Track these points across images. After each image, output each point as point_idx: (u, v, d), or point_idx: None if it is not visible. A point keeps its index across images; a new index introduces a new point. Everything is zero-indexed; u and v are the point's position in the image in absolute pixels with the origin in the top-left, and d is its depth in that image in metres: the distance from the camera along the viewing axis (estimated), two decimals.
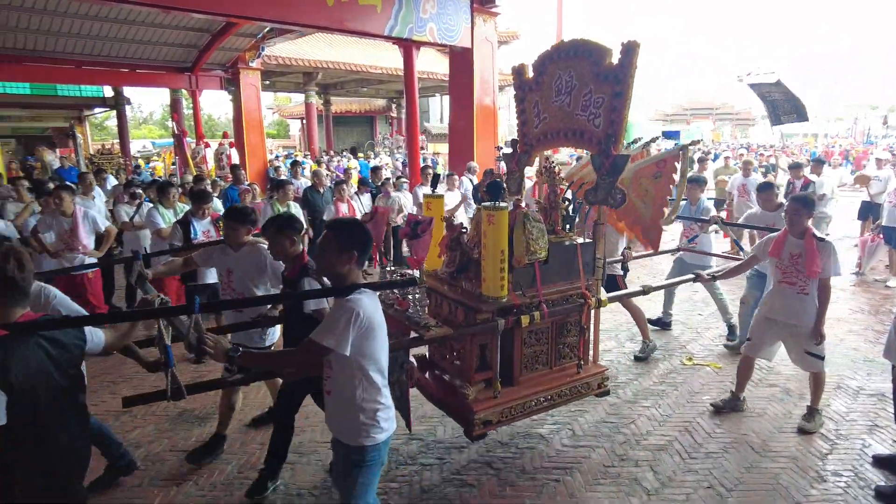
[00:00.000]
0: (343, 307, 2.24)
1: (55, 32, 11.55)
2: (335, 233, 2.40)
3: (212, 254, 3.85)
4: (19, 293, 2.10)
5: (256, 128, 14.25)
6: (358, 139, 29.08)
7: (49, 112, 21.83)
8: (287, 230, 3.33)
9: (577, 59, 3.51)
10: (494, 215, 3.09)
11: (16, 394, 1.97)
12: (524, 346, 3.56)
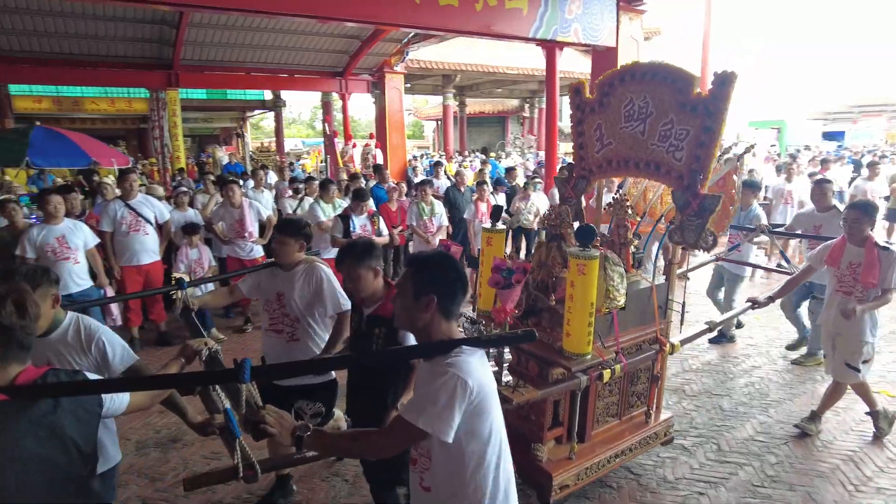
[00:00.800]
0: (442, 374, 1.67)
1: (229, 44, 13.01)
2: (413, 270, 1.85)
3: (259, 280, 3.32)
4: (16, 345, 1.61)
5: (398, 129, 15.00)
6: (489, 139, 29.44)
7: (218, 114, 24.52)
8: (369, 260, 2.76)
9: (656, 84, 3.09)
10: (586, 264, 2.69)
11: None
12: (598, 399, 3.30)
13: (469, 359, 1.72)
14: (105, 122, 21.13)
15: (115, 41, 12.00)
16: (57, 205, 5.06)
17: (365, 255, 2.75)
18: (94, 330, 2.40)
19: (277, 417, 1.77)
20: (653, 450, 3.75)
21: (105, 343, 2.38)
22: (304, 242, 3.24)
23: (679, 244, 3.14)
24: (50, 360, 2.29)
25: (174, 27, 11.66)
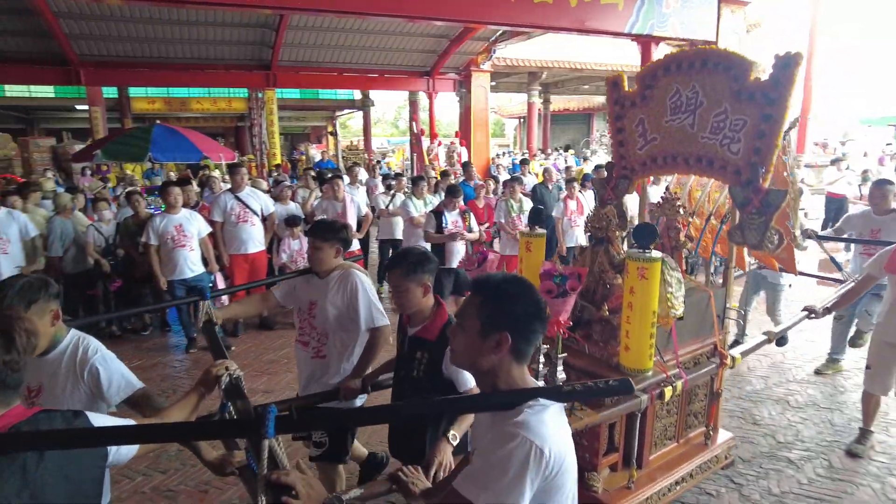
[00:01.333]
0: (510, 438, 1.30)
1: (323, 46, 13.54)
2: (483, 298, 1.44)
3: (295, 286, 3.03)
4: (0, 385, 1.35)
5: (482, 127, 15.05)
6: (573, 137, 28.92)
7: (310, 113, 25.60)
8: (420, 274, 2.40)
9: (706, 72, 2.84)
10: (648, 268, 2.43)
11: None
12: (656, 419, 2.95)
13: (545, 417, 1.34)
14: (207, 120, 22.59)
15: (221, 45, 12.81)
16: (177, 196, 5.50)
17: (417, 268, 2.40)
18: (91, 354, 2.09)
19: (307, 486, 1.35)
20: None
21: (99, 370, 2.08)
22: (341, 247, 2.91)
23: (740, 245, 2.88)
24: (43, 385, 2.06)
25: (274, 30, 12.28)
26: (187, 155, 9.32)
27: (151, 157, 8.73)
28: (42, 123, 23.23)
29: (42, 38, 11.49)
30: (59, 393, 2.06)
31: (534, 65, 17.15)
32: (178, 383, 5.02)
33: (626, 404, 2.64)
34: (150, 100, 19.13)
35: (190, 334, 5.79)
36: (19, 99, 20.13)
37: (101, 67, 12.55)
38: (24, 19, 10.89)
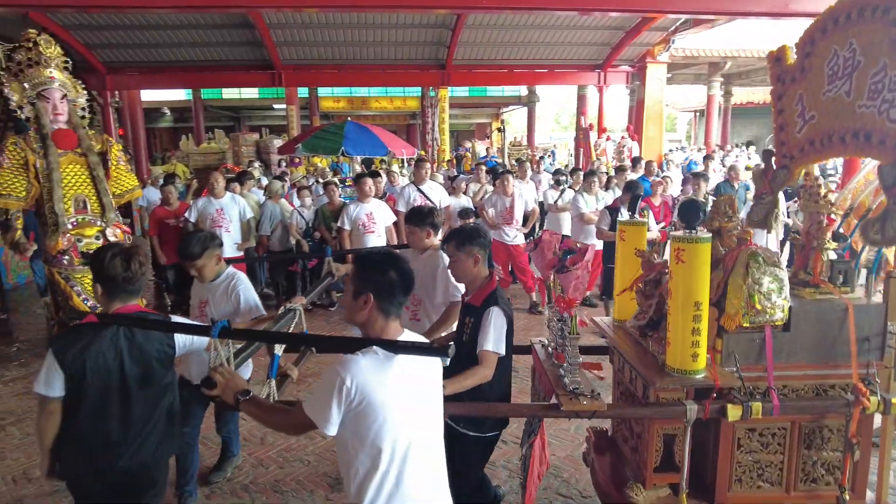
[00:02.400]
0: (331, 369, 1.71)
1: (495, 43, 13.77)
2: (355, 268, 1.94)
3: None
4: (119, 289, 2.22)
5: (656, 121, 14.30)
6: (757, 132, 26.31)
7: (476, 110, 26.27)
8: (469, 246, 2.69)
9: (863, 23, 2.21)
10: (686, 249, 2.12)
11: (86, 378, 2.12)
12: (738, 449, 2.38)
13: (363, 360, 1.70)
14: (383, 118, 24.22)
15: (400, 45, 13.63)
16: (370, 186, 6.00)
17: (468, 240, 2.71)
18: (236, 285, 3.09)
19: (229, 377, 1.95)
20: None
21: (241, 296, 3.06)
22: (431, 230, 3.40)
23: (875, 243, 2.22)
24: (209, 300, 3.13)
25: (451, 29, 12.78)
26: (375, 150, 10.11)
27: (344, 151, 9.62)
28: (247, 121, 26.65)
29: (253, 47, 13.14)
30: (216, 306, 3.10)
31: (717, 55, 15.87)
32: None
33: (657, 409, 2.26)
34: (336, 99, 20.98)
35: None
36: (232, 100, 23.31)
37: (298, 70, 14.04)
38: (241, 32, 12.55)
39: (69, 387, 2.13)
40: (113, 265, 2.17)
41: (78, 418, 2.17)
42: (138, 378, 2.23)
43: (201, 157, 15.24)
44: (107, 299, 2.25)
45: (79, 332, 2.19)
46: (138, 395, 2.24)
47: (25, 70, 4.82)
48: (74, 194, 5.36)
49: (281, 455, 3.83)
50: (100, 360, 2.15)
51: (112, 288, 2.22)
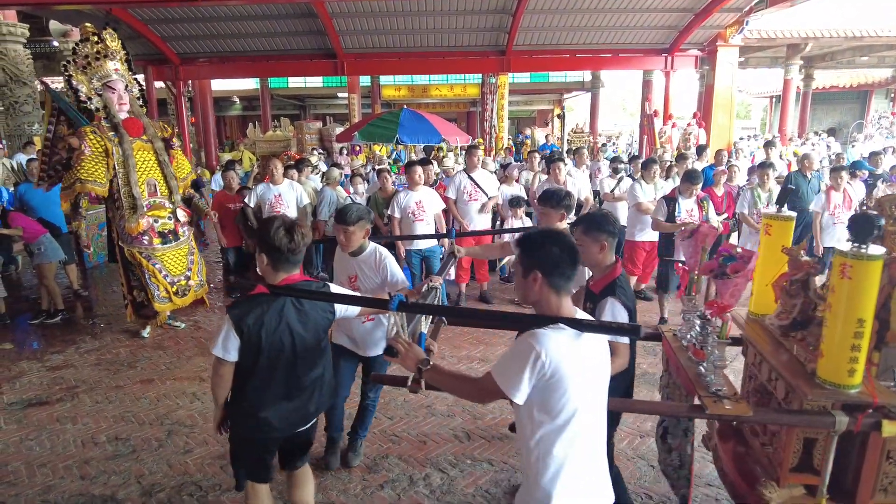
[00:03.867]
0: (523, 342, 1.79)
1: (557, 27, 13.48)
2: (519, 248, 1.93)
3: None
4: (284, 260, 2.35)
5: (726, 108, 13.67)
6: (841, 119, 24.60)
7: (537, 97, 25.85)
8: (596, 232, 2.69)
9: None
10: (854, 266, 1.97)
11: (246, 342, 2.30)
12: (887, 460, 2.22)
13: (553, 334, 1.75)
14: (444, 105, 24.26)
15: (460, 32, 13.57)
16: (419, 174, 6.04)
17: (595, 226, 2.70)
18: (384, 259, 3.27)
19: (408, 347, 2.07)
20: None
21: (388, 268, 3.24)
22: (564, 213, 3.59)
23: None
24: (355, 272, 3.30)
25: (511, 14, 12.60)
26: (429, 137, 10.17)
27: (399, 139, 9.73)
28: (312, 110, 27.35)
29: (316, 36, 13.43)
30: (366, 279, 3.29)
31: (796, 35, 14.90)
32: None
33: (805, 417, 2.18)
34: (397, 87, 21.17)
35: None
36: (297, 89, 23.96)
37: (360, 59, 14.26)
38: (305, 21, 12.84)
39: (244, 352, 2.32)
40: (278, 236, 2.30)
41: (251, 382, 2.39)
42: (305, 343, 2.43)
43: (267, 145, 15.78)
44: (272, 270, 2.39)
45: (254, 301, 2.34)
46: (304, 360, 2.45)
47: (93, 63, 5.11)
48: (146, 178, 5.70)
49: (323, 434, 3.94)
50: (272, 328, 2.33)
51: (277, 258, 2.35)
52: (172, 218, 5.82)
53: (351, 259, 3.31)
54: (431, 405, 4.31)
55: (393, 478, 3.47)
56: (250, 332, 2.29)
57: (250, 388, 2.40)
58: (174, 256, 5.80)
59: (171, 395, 4.56)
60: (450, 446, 3.78)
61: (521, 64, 14.72)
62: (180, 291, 5.78)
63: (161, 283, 5.63)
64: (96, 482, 3.47)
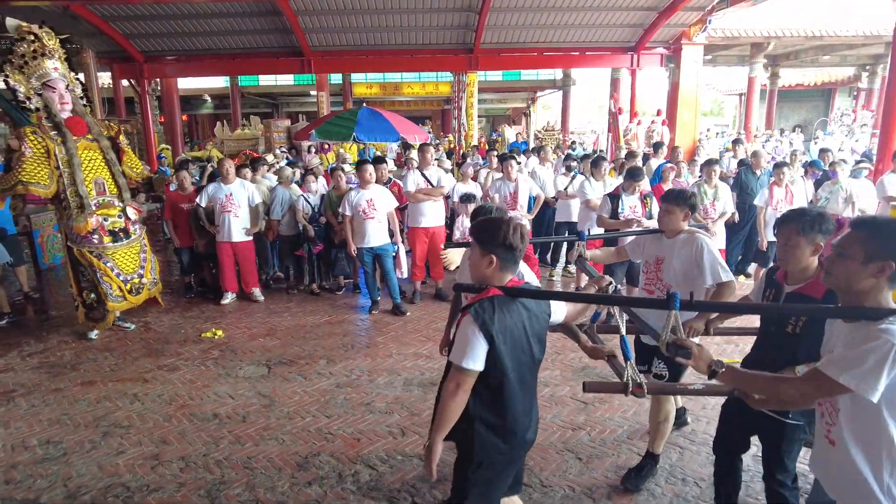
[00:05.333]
0: (875, 338, 1.70)
1: (524, 26, 13.53)
2: (866, 232, 1.80)
3: (643, 243, 3.56)
4: (514, 261, 2.23)
5: (691, 105, 13.81)
6: (807, 116, 25.07)
7: (511, 95, 25.95)
8: (815, 233, 2.46)
9: None
10: None
11: (495, 348, 2.11)
12: None
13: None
14: (417, 103, 24.26)
15: (428, 30, 13.57)
16: (370, 173, 6.05)
17: (813, 226, 2.45)
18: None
19: (700, 348, 2.01)
20: None
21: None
22: (689, 211, 3.32)
23: None
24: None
25: (477, 13, 12.64)
26: (387, 136, 10.17)
27: (355, 137, 9.71)
28: (284, 108, 27.17)
29: (283, 34, 13.34)
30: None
31: (758, 34, 15.16)
32: (357, 340, 5.60)
33: None
34: (369, 85, 21.11)
35: (374, 297, 6.37)
36: (269, 87, 23.76)
37: (328, 57, 14.19)
38: (270, 19, 12.75)
39: (491, 361, 2.13)
40: (515, 237, 2.18)
41: (503, 393, 2.20)
42: (536, 347, 2.29)
43: (235, 143, 15.64)
44: (499, 271, 2.23)
45: (494, 304, 2.15)
46: (535, 367, 2.33)
47: (30, 62, 5.03)
48: (94, 177, 5.64)
49: (258, 433, 3.95)
50: (514, 332, 2.18)
51: (508, 259, 2.22)
52: (122, 216, 5.77)
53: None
54: (371, 402, 4.34)
55: (322, 475, 3.48)
56: (496, 337, 2.11)
57: (500, 402, 2.21)
58: (126, 254, 5.76)
59: (111, 397, 4.53)
60: (383, 443, 3.81)
61: (489, 62, 14.78)
62: (134, 290, 5.75)
63: (114, 282, 5.59)
64: (20, 486, 3.43)
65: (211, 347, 5.49)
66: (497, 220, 2.26)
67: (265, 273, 7.47)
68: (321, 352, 5.31)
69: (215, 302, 6.78)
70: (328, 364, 5.04)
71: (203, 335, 5.78)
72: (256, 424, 4.08)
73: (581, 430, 3.92)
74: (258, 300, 6.78)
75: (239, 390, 4.60)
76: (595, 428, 3.95)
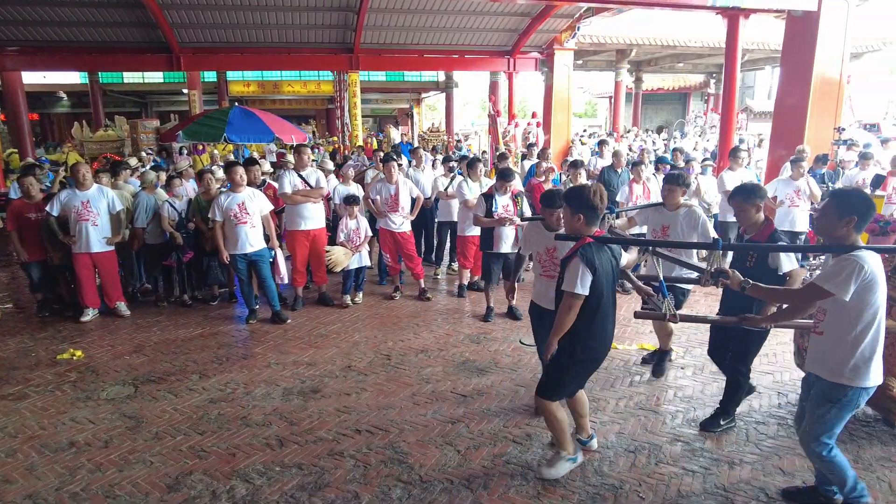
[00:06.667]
0: (846, 259, 2.58)
1: (405, 27, 13.67)
2: (837, 200, 2.71)
3: (648, 214, 4.77)
4: (596, 217, 3.09)
5: (564, 107, 14.62)
6: (667, 118, 27.46)
7: (397, 95, 26.03)
8: (755, 197, 3.61)
9: None
10: None
11: (597, 278, 2.99)
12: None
13: (865, 254, 2.59)
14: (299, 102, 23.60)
15: (307, 29, 13.29)
16: (241, 175, 5.82)
17: (751, 195, 3.59)
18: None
19: (733, 272, 3.03)
20: None
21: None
22: (685, 189, 4.56)
23: None
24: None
25: (355, 12, 12.57)
26: (260, 136, 9.81)
27: (226, 138, 9.29)
28: (154, 107, 25.29)
29: (148, 29, 12.47)
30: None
31: (622, 42, 16.37)
32: (233, 352, 5.36)
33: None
34: (246, 83, 20.24)
35: (251, 306, 6.13)
36: (135, 85, 22.02)
37: (199, 53, 13.44)
38: (132, 11, 11.86)
39: (593, 287, 2.99)
40: (596, 198, 3.03)
41: (598, 312, 3.08)
42: (615, 281, 3.23)
43: (97, 146, 14.38)
44: (586, 225, 3.09)
45: (594, 247, 3.03)
46: (615, 295, 3.23)
47: None
48: None
49: (123, 457, 3.68)
50: (607, 267, 3.07)
51: (592, 216, 3.08)
52: None
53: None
54: (247, 416, 4.18)
55: (195, 494, 3.31)
56: (598, 270, 2.98)
57: (598, 318, 3.09)
58: None
59: None
60: (260, 455, 3.68)
61: (370, 62, 14.73)
62: None
63: None
64: None
65: (68, 370, 5.01)
66: (583, 187, 3.12)
67: (131, 285, 6.94)
68: (193, 366, 5.03)
69: (74, 320, 6.19)
70: (201, 379, 4.78)
71: (59, 357, 5.27)
72: (120, 449, 3.79)
73: (460, 423, 4.03)
74: (124, 315, 6.29)
75: (100, 414, 4.24)
76: (473, 419, 4.08)
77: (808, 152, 8.33)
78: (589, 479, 3.37)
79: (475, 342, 5.50)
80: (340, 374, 4.85)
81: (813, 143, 8.84)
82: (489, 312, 6.09)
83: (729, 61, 9.76)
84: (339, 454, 3.67)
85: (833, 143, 9.09)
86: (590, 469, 3.48)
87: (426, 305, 6.64)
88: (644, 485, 3.33)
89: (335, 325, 5.99)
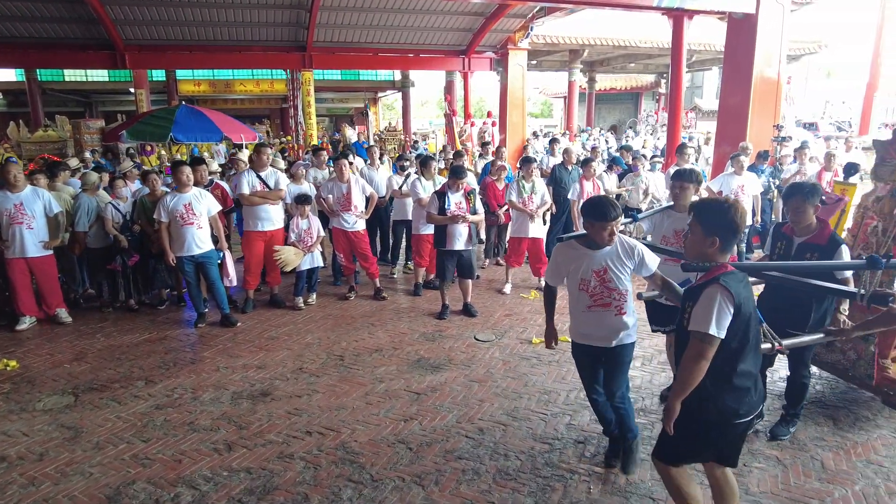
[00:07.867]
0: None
1: (359, 26, 13.55)
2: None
3: (655, 220, 4.22)
4: (733, 242, 2.46)
5: (518, 107, 14.77)
6: (620, 117, 28.08)
7: (353, 94, 25.82)
8: (813, 198, 3.42)
9: None
10: None
11: (747, 318, 2.36)
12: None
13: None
14: (252, 102, 23.12)
15: (258, 26, 13.03)
16: (188, 175, 5.66)
17: (811, 194, 3.41)
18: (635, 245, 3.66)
19: None
20: None
21: None
22: (697, 186, 4.10)
23: None
24: (602, 264, 3.24)
25: (307, 10, 12.38)
26: (208, 136, 9.58)
27: (173, 138, 9.02)
28: (99, 107, 24.36)
29: (90, 25, 11.99)
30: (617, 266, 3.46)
31: (574, 42, 16.65)
32: (180, 356, 5.20)
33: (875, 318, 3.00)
34: (196, 82, 19.72)
35: (200, 309, 5.97)
36: (77, 83, 21.16)
37: (146, 51, 13.02)
38: (72, 6, 11.39)
39: (733, 328, 2.32)
40: (738, 217, 2.39)
41: (741, 360, 2.39)
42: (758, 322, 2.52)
43: (36, 147, 13.72)
44: (721, 251, 2.45)
45: (736, 276, 2.41)
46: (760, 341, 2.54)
47: None
48: None
49: (59, 470, 3.52)
50: (749, 303, 2.37)
51: (731, 240, 2.44)
52: None
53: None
54: (194, 421, 4.06)
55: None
56: (742, 306, 2.32)
57: (740, 369, 2.39)
58: None
59: None
60: (207, 461, 3.59)
61: (323, 61, 14.57)
62: None
63: None
64: None
65: (0, 381, 4.78)
66: (723, 203, 2.47)
67: (74, 291, 6.66)
68: (139, 373, 4.86)
69: (8, 328, 5.90)
70: (146, 385, 4.63)
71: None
72: (57, 461, 3.63)
73: (413, 421, 4.02)
74: (65, 322, 6.03)
75: (36, 426, 4.06)
76: (426, 416, 4.07)
77: (751, 149, 8.64)
78: (540, 472, 3.41)
79: (430, 340, 5.50)
80: (291, 376, 4.77)
81: (755, 141, 9.17)
82: (444, 310, 6.09)
83: (675, 61, 10.05)
84: (288, 457, 3.61)
85: (772, 139, 9.46)
86: (540, 461, 3.52)
87: (381, 305, 6.60)
88: (593, 475, 3.39)
89: (287, 327, 5.89)
